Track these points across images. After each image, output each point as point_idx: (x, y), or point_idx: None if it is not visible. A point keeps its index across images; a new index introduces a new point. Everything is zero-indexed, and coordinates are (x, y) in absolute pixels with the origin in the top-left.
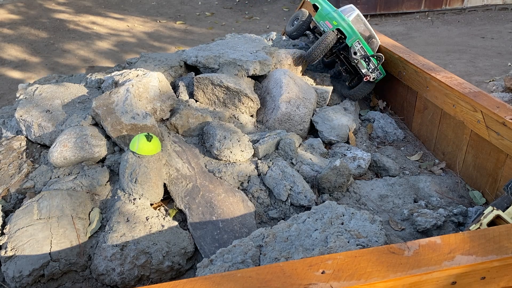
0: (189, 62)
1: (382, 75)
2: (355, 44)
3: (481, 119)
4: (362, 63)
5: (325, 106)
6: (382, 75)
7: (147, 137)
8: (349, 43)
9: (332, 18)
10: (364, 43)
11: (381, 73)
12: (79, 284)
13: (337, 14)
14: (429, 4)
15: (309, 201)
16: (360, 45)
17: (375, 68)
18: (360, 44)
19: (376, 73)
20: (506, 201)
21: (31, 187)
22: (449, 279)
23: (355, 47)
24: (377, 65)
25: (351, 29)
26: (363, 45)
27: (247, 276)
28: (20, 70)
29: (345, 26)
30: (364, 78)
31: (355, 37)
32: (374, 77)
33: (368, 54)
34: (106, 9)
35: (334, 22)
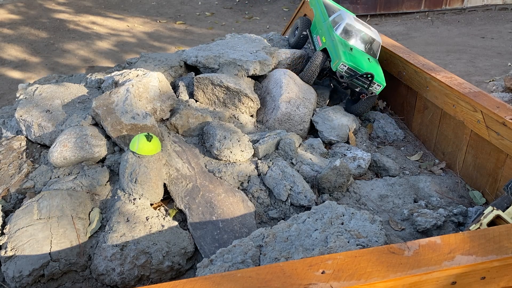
0: (189, 62)
1: (381, 86)
2: (340, 68)
3: (481, 119)
4: (353, 83)
5: (325, 106)
6: (382, 87)
7: (147, 137)
8: (333, 67)
9: (322, 33)
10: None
11: (380, 85)
12: (79, 284)
13: (327, 28)
14: (429, 4)
15: (309, 201)
16: (346, 67)
17: (369, 85)
18: (345, 65)
19: (374, 87)
20: (506, 201)
21: (31, 187)
22: (449, 279)
23: (340, 71)
24: (370, 82)
25: (335, 51)
26: (349, 66)
27: (247, 276)
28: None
29: (331, 47)
30: (361, 96)
31: (339, 61)
32: (372, 91)
33: (358, 73)
34: (106, 9)
35: (323, 39)
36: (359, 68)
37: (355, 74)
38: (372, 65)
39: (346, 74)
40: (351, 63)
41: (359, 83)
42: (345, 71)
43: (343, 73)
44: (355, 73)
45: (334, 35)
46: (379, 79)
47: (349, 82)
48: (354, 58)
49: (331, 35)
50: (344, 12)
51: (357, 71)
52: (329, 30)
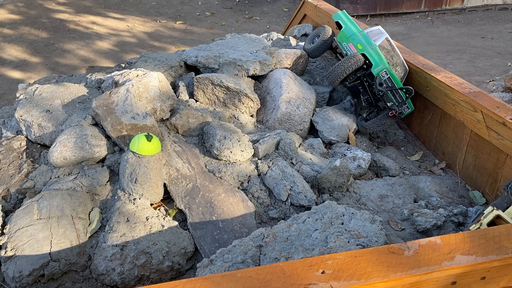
0: (189, 62)
1: (410, 109)
2: (381, 74)
3: (481, 119)
4: (388, 96)
5: (325, 106)
6: (410, 110)
7: (147, 137)
8: (374, 72)
9: (357, 41)
10: (392, 74)
11: (409, 107)
12: (79, 284)
13: (363, 37)
14: (429, 4)
15: (309, 201)
16: (387, 76)
17: (402, 102)
18: (387, 74)
19: (404, 107)
20: (506, 201)
21: (31, 187)
22: (449, 279)
23: (381, 78)
24: (405, 99)
25: (378, 56)
26: (391, 76)
27: (247, 276)
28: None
29: (371, 52)
30: (390, 112)
31: (382, 66)
32: (401, 111)
33: (397, 86)
34: (106, 9)
35: (359, 46)
36: (398, 82)
37: (393, 86)
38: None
39: (386, 84)
40: (393, 74)
41: (392, 98)
42: (385, 80)
43: (383, 81)
44: (393, 85)
45: (374, 44)
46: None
47: (385, 92)
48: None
49: (369, 43)
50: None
51: (396, 84)
52: (366, 39)
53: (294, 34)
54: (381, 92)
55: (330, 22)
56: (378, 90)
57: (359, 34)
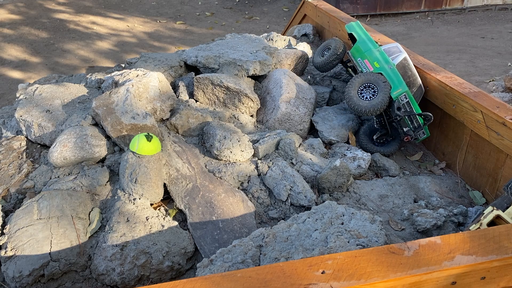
0: (189, 62)
1: (425, 135)
2: (400, 98)
3: (481, 119)
4: (405, 121)
5: (325, 106)
6: (426, 135)
7: (147, 137)
8: (393, 95)
9: (374, 58)
10: (412, 98)
11: (425, 133)
12: (79, 284)
13: (380, 54)
14: (429, 4)
15: (309, 201)
16: (406, 100)
17: (419, 128)
18: (406, 98)
19: (420, 133)
20: (506, 201)
21: (31, 187)
22: (449, 279)
23: (400, 101)
24: (423, 125)
25: (397, 78)
26: (410, 100)
27: (247, 276)
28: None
29: (390, 73)
30: (405, 138)
31: (402, 90)
32: (416, 137)
33: (415, 111)
34: (106, 9)
35: (376, 64)
36: (417, 107)
37: (411, 111)
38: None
39: (404, 108)
40: (412, 98)
41: (409, 123)
42: (404, 103)
43: (401, 104)
44: (411, 110)
45: (392, 63)
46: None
47: (403, 117)
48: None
49: (387, 62)
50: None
51: (415, 109)
52: (384, 57)
53: (294, 34)
54: (398, 117)
55: (330, 22)
56: (396, 114)
57: (375, 51)
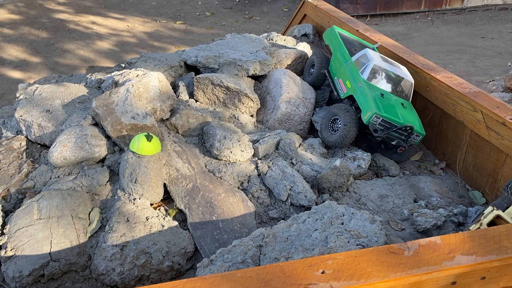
0: (189, 62)
1: (421, 136)
2: (373, 120)
3: (481, 119)
4: (389, 137)
5: (325, 106)
6: (421, 136)
7: (147, 137)
8: (364, 120)
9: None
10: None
11: (419, 134)
12: (79, 284)
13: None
14: (429, 4)
15: (309, 201)
16: (379, 119)
17: (408, 135)
18: (379, 117)
19: (412, 138)
20: (506, 201)
21: (31, 187)
22: (449, 279)
23: (374, 124)
24: (409, 134)
25: (364, 100)
26: (384, 117)
27: (247, 276)
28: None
29: (359, 94)
30: (398, 150)
31: (371, 112)
32: (411, 143)
33: (396, 124)
34: (106, 9)
35: (348, 84)
36: (395, 120)
37: (391, 127)
38: (408, 112)
39: (381, 127)
40: (386, 114)
41: (395, 135)
42: (379, 124)
43: (377, 126)
44: (391, 126)
45: (361, 79)
46: (419, 128)
47: (385, 136)
48: (388, 107)
49: (357, 79)
50: (369, 51)
51: (394, 123)
52: (354, 73)
53: (294, 34)
54: (379, 138)
55: (330, 22)
56: (376, 137)
57: (347, 66)
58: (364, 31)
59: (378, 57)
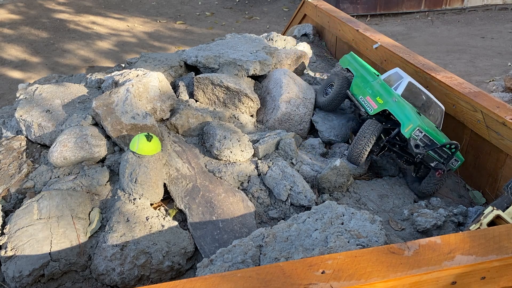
0: (189, 62)
1: (459, 162)
2: (414, 134)
3: (481, 119)
4: (430, 156)
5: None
6: (460, 162)
7: (147, 137)
8: (405, 133)
9: (375, 92)
10: (428, 129)
11: (459, 160)
12: (79, 284)
13: (381, 87)
14: (429, 4)
15: (309, 201)
16: (422, 133)
17: (449, 157)
18: (421, 132)
19: (451, 162)
20: (506, 201)
21: (31, 187)
22: (449, 279)
23: (415, 138)
24: (452, 154)
25: (404, 112)
26: (426, 133)
27: (247, 276)
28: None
29: (395, 107)
30: (437, 173)
31: (414, 125)
32: (450, 168)
33: (438, 143)
34: (106, 9)
35: (379, 100)
36: (437, 137)
37: (432, 145)
38: (442, 136)
39: (422, 144)
40: (429, 130)
41: (435, 156)
42: (420, 139)
43: (418, 141)
44: (432, 143)
45: (395, 94)
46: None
47: (425, 152)
48: (428, 125)
49: (390, 95)
50: (401, 70)
51: (435, 140)
52: (385, 90)
53: (294, 34)
54: (420, 155)
55: (330, 22)
56: (416, 153)
57: (375, 83)
58: (364, 31)
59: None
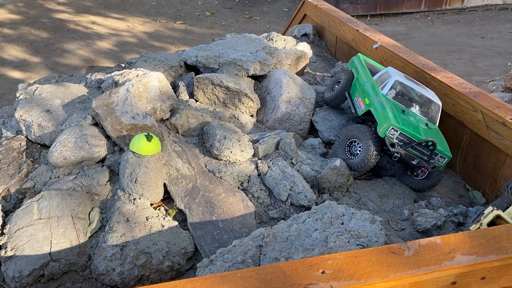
0: (189, 62)
1: (446, 158)
2: (389, 133)
3: (481, 119)
4: (409, 154)
5: (325, 106)
6: (447, 159)
7: (147, 137)
8: (380, 133)
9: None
10: (404, 127)
11: (444, 156)
12: (79, 284)
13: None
14: (429, 4)
15: (309, 201)
16: (397, 132)
17: (431, 155)
18: (396, 130)
19: (436, 160)
20: (506, 201)
21: (31, 187)
22: (449, 279)
23: (390, 137)
24: (431, 152)
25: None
26: (402, 131)
27: (247, 276)
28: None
29: (377, 108)
30: (420, 171)
31: (387, 124)
32: (434, 165)
33: (414, 140)
34: (106, 9)
35: (366, 101)
36: (414, 134)
37: (410, 142)
38: (432, 133)
39: (399, 142)
40: (405, 128)
41: (416, 153)
42: (396, 138)
43: (394, 140)
44: (410, 141)
45: (380, 94)
46: (443, 149)
47: (403, 152)
48: (408, 122)
49: (376, 94)
50: (392, 69)
51: (413, 137)
52: (374, 89)
53: (294, 34)
54: (397, 154)
55: (330, 22)
56: (393, 153)
57: (367, 84)
58: (364, 31)
59: (401, 75)
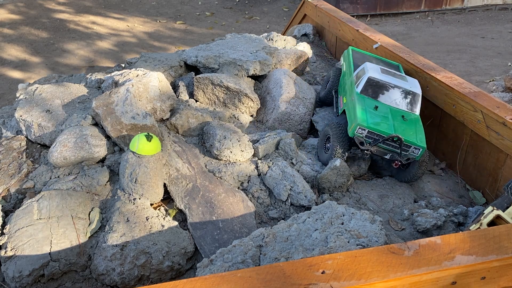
0: (189, 62)
1: (421, 149)
2: (357, 132)
3: (481, 119)
4: (381, 150)
5: (325, 106)
6: (421, 150)
7: (147, 137)
8: (349, 133)
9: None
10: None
11: (418, 147)
12: (79, 284)
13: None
14: (429, 4)
15: (309, 201)
16: (365, 131)
17: (404, 147)
18: (364, 129)
19: (410, 151)
20: (506, 201)
21: (31, 187)
22: (449, 279)
23: (359, 136)
24: (400, 146)
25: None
26: (369, 128)
27: (247, 276)
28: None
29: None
30: (394, 164)
31: (355, 124)
32: (409, 157)
33: (382, 136)
34: (106, 9)
35: (344, 100)
36: (381, 130)
37: (378, 138)
38: (407, 124)
39: (368, 139)
40: (372, 125)
41: (388, 148)
42: (365, 136)
43: (363, 138)
44: (378, 137)
45: (354, 93)
46: (415, 140)
47: (375, 148)
48: (377, 118)
49: (352, 93)
50: (368, 64)
51: (381, 133)
52: (352, 88)
53: (294, 34)
54: (367, 152)
55: (330, 22)
56: (363, 152)
57: (349, 81)
58: (364, 31)
59: (377, 69)
